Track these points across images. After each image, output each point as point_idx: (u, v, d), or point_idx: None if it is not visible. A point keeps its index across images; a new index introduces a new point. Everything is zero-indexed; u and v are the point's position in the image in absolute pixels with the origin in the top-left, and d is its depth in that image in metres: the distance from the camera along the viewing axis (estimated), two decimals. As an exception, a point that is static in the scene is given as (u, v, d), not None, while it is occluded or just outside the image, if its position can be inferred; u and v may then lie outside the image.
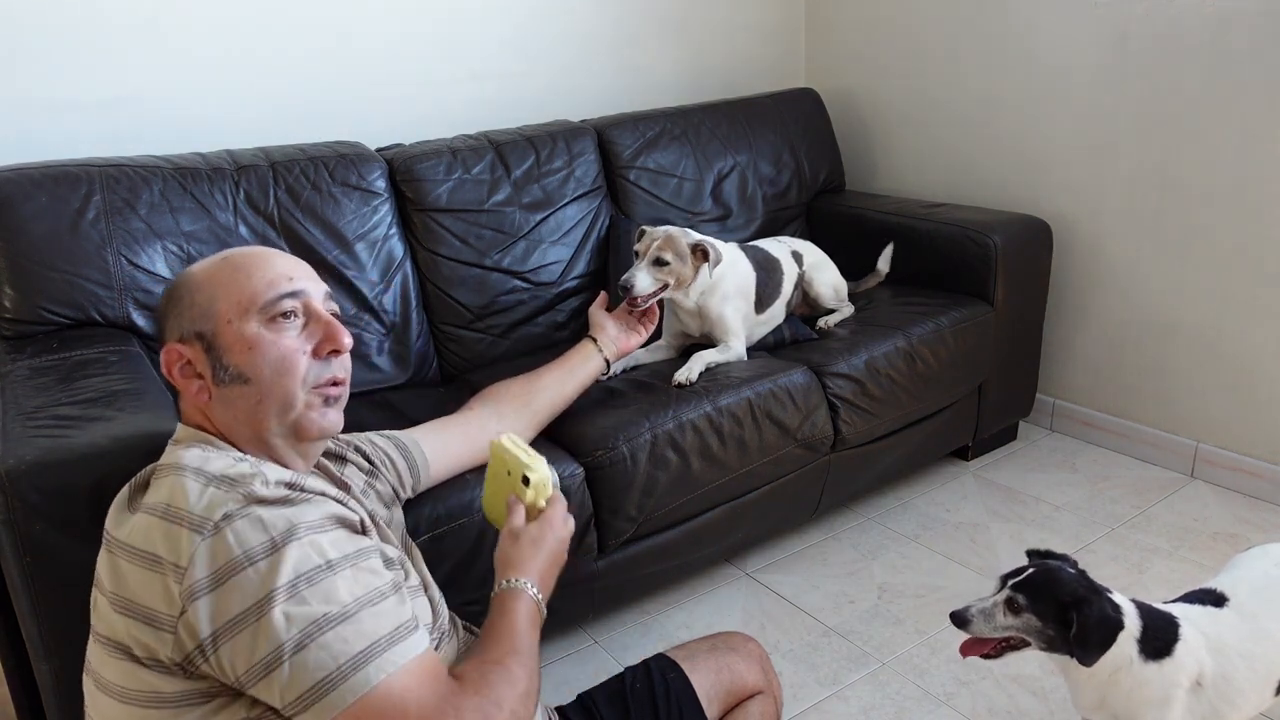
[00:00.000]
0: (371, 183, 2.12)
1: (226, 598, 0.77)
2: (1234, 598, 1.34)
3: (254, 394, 0.93)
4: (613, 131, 2.51)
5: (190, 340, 0.94)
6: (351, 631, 0.79)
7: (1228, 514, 2.29)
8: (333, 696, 0.77)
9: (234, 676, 0.79)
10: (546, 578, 1.05)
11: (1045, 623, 1.23)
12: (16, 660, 1.37)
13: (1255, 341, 2.28)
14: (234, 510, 0.80)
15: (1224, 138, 2.22)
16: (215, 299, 0.94)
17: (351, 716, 0.78)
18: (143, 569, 0.80)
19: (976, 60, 2.69)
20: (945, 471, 2.58)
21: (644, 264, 1.93)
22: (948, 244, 2.45)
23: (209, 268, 0.97)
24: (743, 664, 1.25)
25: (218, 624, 0.77)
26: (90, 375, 1.50)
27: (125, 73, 2.04)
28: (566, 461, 1.74)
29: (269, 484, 0.83)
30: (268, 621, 0.77)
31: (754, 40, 3.06)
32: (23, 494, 1.15)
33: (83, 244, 1.78)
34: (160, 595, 0.79)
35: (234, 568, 0.77)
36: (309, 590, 0.79)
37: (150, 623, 0.79)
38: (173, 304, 0.96)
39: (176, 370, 0.94)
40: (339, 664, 0.78)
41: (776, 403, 1.98)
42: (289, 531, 0.80)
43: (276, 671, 0.77)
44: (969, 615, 1.27)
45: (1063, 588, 1.23)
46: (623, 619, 2.02)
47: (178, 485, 0.83)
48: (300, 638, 0.77)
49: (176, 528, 0.80)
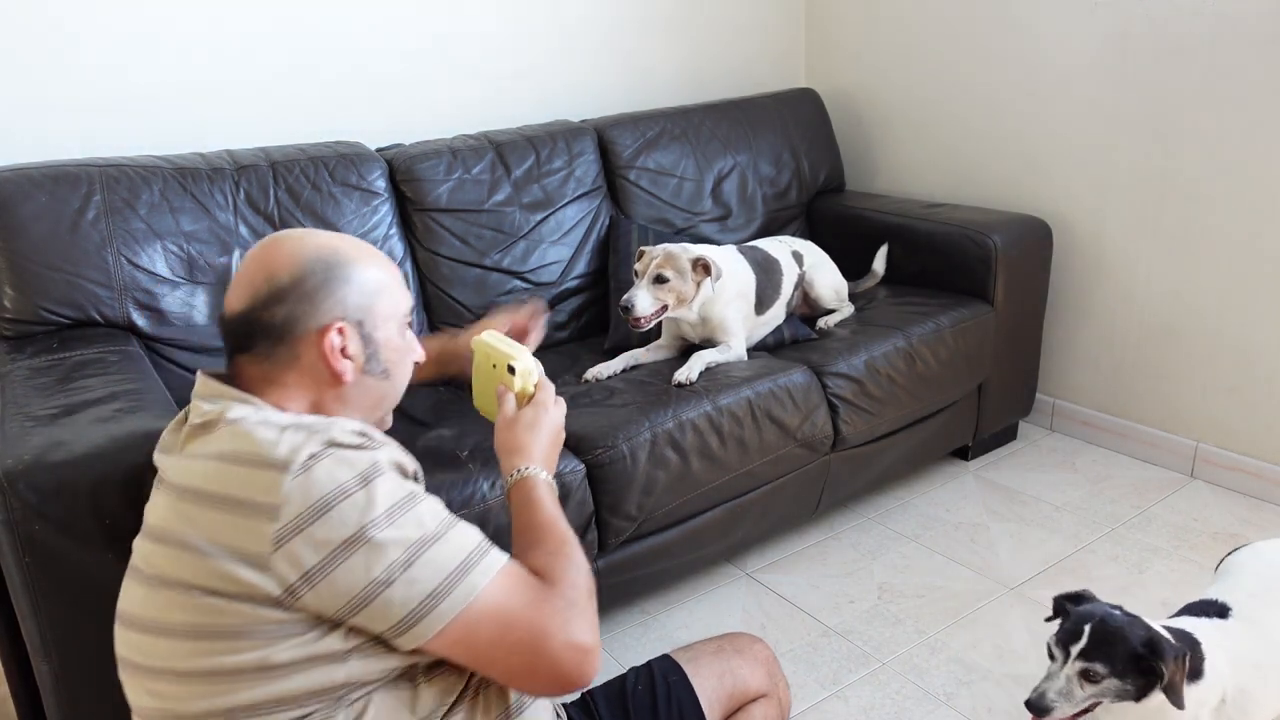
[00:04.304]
0: (371, 183, 2.13)
1: (327, 530, 0.81)
2: (1235, 607, 1.33)
3: (388, 389, 1.05)
4: (613, 131, 2.52)
5: (352, 326, 0.98)
6: (446, 549, 0.86)
7: (1228, 514, 2.29)
8: (442, 608, 0.84)
9: (337, 606, 0.82)
10: (550, 457, 1.14)
11: (1125, 680, 1.18)
12: (17, 660, 1.37)
13: (1255, 342, 2.28)
14: (318, 451, 0.84)
15: (1224, 137, 2.22)
16: (379, 296, 1.01)
17: (461, 624, 0.85)
18: (221, 512, 0.83)
19: (976, 60, 2.69)
20: (945, 471, 2.58)
21: (644, 283, 1.94)
22: (948, 244, 2.45)
23: (368, 259, 1.02)
24: (746, 667, 1.24)
25: (321, 555, 0.81)
26: (90, 375, 1.51)
27: (125, 73, 2.04)
28: (566, 460, 1.74)
29: (345, 431, 0.88)
30: (373, 547, 0.82)
31: (754, 40, 3.06)
32: (22, 494, 1.15)
33: (83, 244, 1.78)
34: (249, 535, 0.81)
35: (330, 502, 0.82)
36: (403, 517, 0.85)
37: (242, 560, 0.81)
38: (335, 281, 0.98)
39: (334, 347, 0.97)
40: (443, 577, 0.84)
41: (776, 402, 1.98)
42: (374, 467, 0.86)
43: (385, 593, 0.82)
44: (1048, 702, 1.19)
45: (1129, 638, 1.18)
46: (623, 618, 2.02)
47: (247, 433, 0.87)
48: (406, 558, 0.83)
49: (259, 471, 0.83)
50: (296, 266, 0.97)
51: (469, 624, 0.85)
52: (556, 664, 0.88)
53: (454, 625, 0.85)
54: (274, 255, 0.98)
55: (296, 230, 1.03)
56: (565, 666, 0.88)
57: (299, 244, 0.99)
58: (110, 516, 1.20)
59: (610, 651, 1.92)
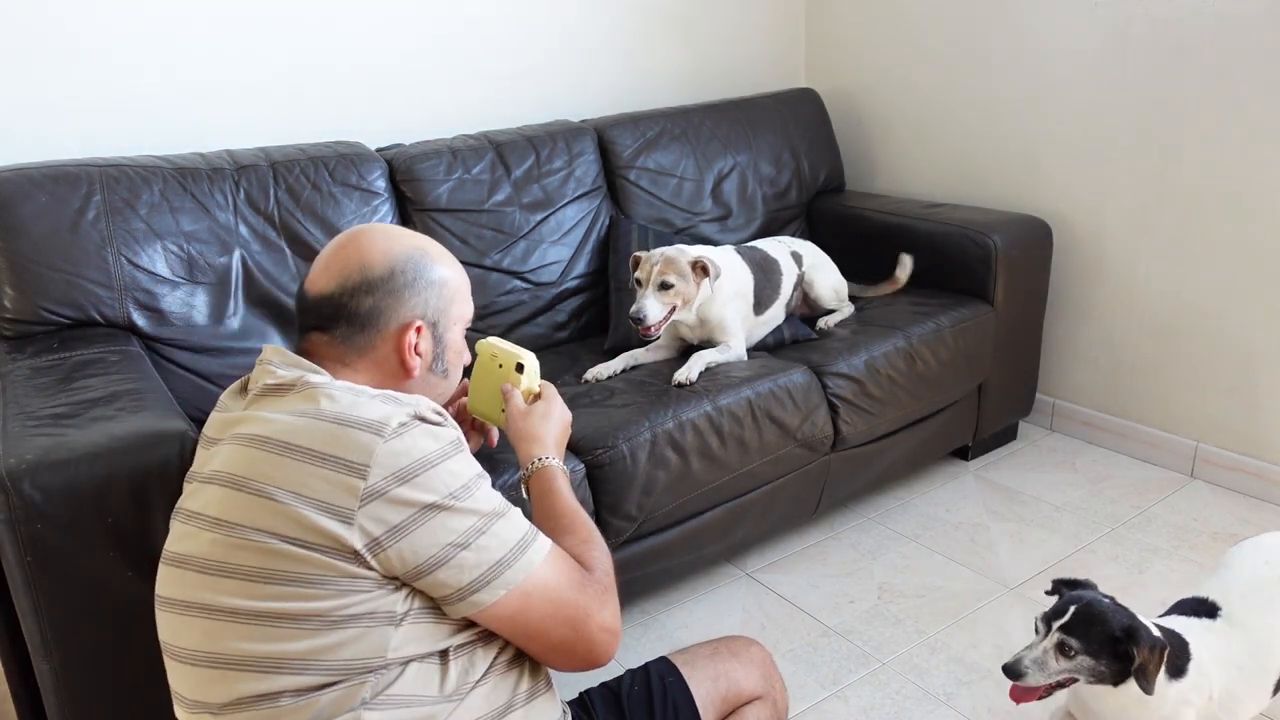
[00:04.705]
0: (371, 183, 2.12)
1: (413, 493, 0.87)
2: (1225, 606, 1.35)
3: (444, 388, 1.12)
4: (613, 131, 2.52)
5: (428, 326, 1.06)
6: (510, 525, 0.94)
7: (1228, 514, 2.29)
8: (506, 576, 0.91)
9: (415, 563, 0.87)
10: (562, 445, 1.23)
11: (1099, 660, 1.22)
12: (17, 660, 1.37)
13: (1255, 342, 2.28)
14: (407, 421, 0.90)
15: (1224, 137, 2.22)
16: (454, 301, 1.09)
17: (519, 595, 0.92)
18: (312, 464, 0.87)
19: (976, 60, 2.69)
20: (945, 471, 2.58)
21: (650, 291, 1.96)
22: (948, 244, 2.45)
23: (449, 263, 1.10)
24: (741, 670, 1.24)
25: (404, 515, 0.87)
26: (90, 375, 1.51)
27: (125, 73, 2.04)
28: (566, 460, 1.72)
29: (428, 409, 0.94)
30: (453, 513, 0.89)
31: (754, 40, 3.06)
32: (23, 493, 1.15)
33: (83, 244, 1.78)
34: (337, 489, 0.86)
35: (417, 468, 0.88)
36: (478, 492, 0.92)
37: (327, 512, 0.85)
38: (422, 281, 1.05)
39: (411, 344, 1.04)
40: (508, 549, 0.92)
41: (776, 403, 1.98)
42: (455, 443, 0.93)
43: (459, 556, 0.89)
44: (1022, 668, 1.25)
45: (1109, 622, 1.23)
46: (623, 618, 2.00)
47: (339, 396, 0.91)
48: (480, 526, 0.91)
49: (352, 430, 0.88)
50: (391, 261, 1.03)
51: (525, 596, 0.93)
52: (592, 643, 0.97)
53: (512, 595, 0.92)
54: (370, 245, 1.04)
55: (388, 225, 1.10)
56: (598, 646, 0.98)
57: (394, 239, 1.06)
58: (112, 516, 1.20)
59: (610, 651, 1.92)
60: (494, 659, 0.98)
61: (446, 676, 0.93)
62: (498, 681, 0.98)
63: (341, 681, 0.87)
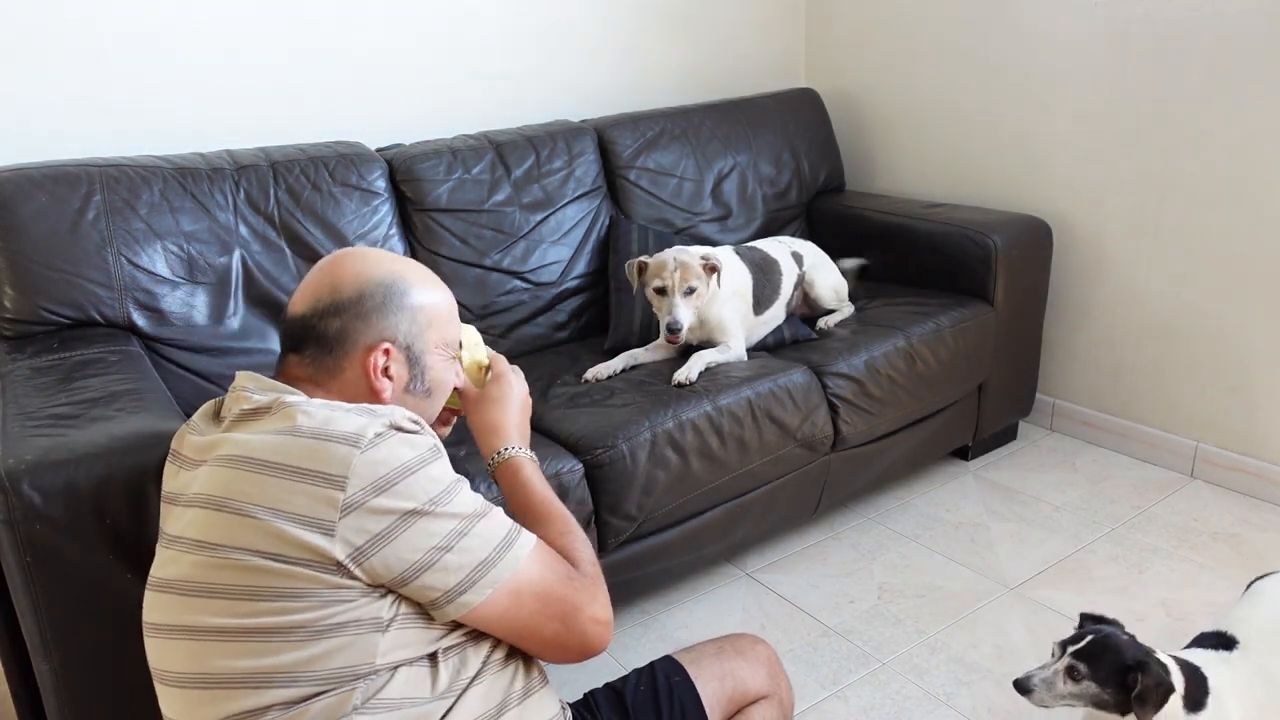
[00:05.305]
0: (371, 183, 2.12)
1: (392, 502, 0.87)
2: (1243, 640, 1.37)
3: (427, 408, 1.11)
4: (613, 131, 2.52)
5: (400, 349, 1.05)
6: (492, 525, 0.95)
7: (1228, 514, 2.29)
8: (491, 575, 0.92)
9: (400, 570, 0.88)
10: (524, 430, 1.20)
11: (1104, 688, 1.27)
12: (17, 660, 1.37)
13: (1255, 342, 2.28)
14: (383, 431, 0.90)
15: (1224, 137, 2.22)
16: (431, 325, 1.08)
17: (508, 590, 0.93)
18: (290, 480, 0.87)
19: (977, 60, 2.69)
20: (945, 471, 2.58)
21: (679, 298, 2.00)
22: (948, 244, 2.45)
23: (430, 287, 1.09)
24: (747, 669, 1.23)
25: (385, 523, 0.87)
26: (90, 375, 1.51)
27: (125, 73, 2.04)
28: (566, 459, 1.74)
29: (404, 418, 0.94)
30: (434, 518, 0.90)
31: (754, 40, 3.06)
32: (23, 494, 1.15)
33: (83, 244, 1.78)
34: (317, 502, 0.86)
35: (396, 475, 0.88)
36: (458, 496, 0.93)
37: (307, 526, 0.86)
38: (392, 306, 1.05)
39: (377, 366, 1.04)
40: (491, 549, 0.93)
41: (776, 402, 1.98)
42: (433, 449, 0.93)
43: (443, 559, 0.89)
44: (1031, 685, 1.30)
45: (1122, 653, 1.27)
46: (623, 618, 2.02)
47: (313, 412, 0.92)
48: (461, 529, 0.91)
49: (328, 444, 0.88)
50: (361, 285, 1.04)
51: (512, 594, 0.94)
52: (585, 635, 0.98)
53: (499, 594, 0.93)
54: (343, 269, 1.05)
55: (372, 249, 1.10)
56: (591, 638, 0.99)
57: (369, 264, 1.06)
58: (111, 516, 1.20)
59: (610, 651, 1.92)
60: (486, 658, 0.98)
61: (437, 678, 0.93)
62: (493, 680, 0.98)
63: (331, 690, 0.87)
